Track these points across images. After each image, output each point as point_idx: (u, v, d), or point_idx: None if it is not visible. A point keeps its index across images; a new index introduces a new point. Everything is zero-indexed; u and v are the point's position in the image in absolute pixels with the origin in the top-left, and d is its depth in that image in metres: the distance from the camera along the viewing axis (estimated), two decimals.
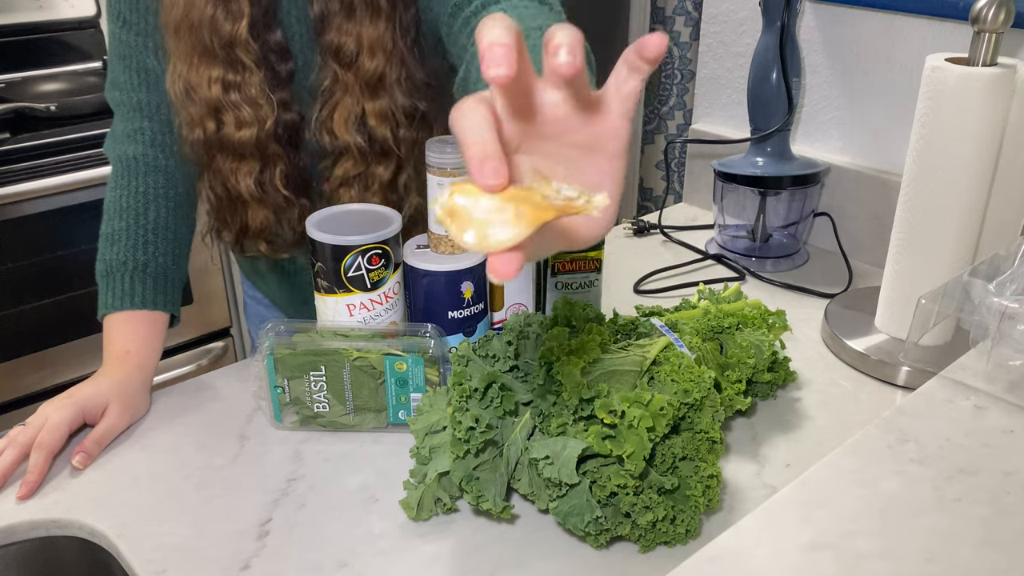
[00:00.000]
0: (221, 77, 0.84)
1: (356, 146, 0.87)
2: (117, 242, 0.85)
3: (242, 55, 0.84)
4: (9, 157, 1.63)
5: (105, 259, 0.85)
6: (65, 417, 0.76)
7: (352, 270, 0.80)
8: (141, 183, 0.87)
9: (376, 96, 0.86)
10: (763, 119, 1.12)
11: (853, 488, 0.55)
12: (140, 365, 0.83)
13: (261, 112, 0.86)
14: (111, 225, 0.86)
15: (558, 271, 0.92)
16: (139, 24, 0.87)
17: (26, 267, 1.70)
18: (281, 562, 0.65)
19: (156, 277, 0.85)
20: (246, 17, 0.83)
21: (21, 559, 0.72)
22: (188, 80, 0.85)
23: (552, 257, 0.91)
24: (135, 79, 0.88)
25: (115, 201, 0.87)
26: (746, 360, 0.77)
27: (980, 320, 0.66)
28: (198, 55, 0.84)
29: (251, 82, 0.85)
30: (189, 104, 0.86)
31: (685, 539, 0.66)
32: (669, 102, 2.84)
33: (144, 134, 0.88)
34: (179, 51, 0.84)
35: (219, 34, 0.83)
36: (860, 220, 1.16)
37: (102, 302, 0.85)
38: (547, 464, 0.61)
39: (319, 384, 0.77)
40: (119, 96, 0.89)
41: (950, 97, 0.81)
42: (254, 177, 0.89)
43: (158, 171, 0.88)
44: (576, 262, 0.91)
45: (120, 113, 0.89)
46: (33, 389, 1.79)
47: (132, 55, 0.88)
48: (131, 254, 0.84)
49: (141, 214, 0.86)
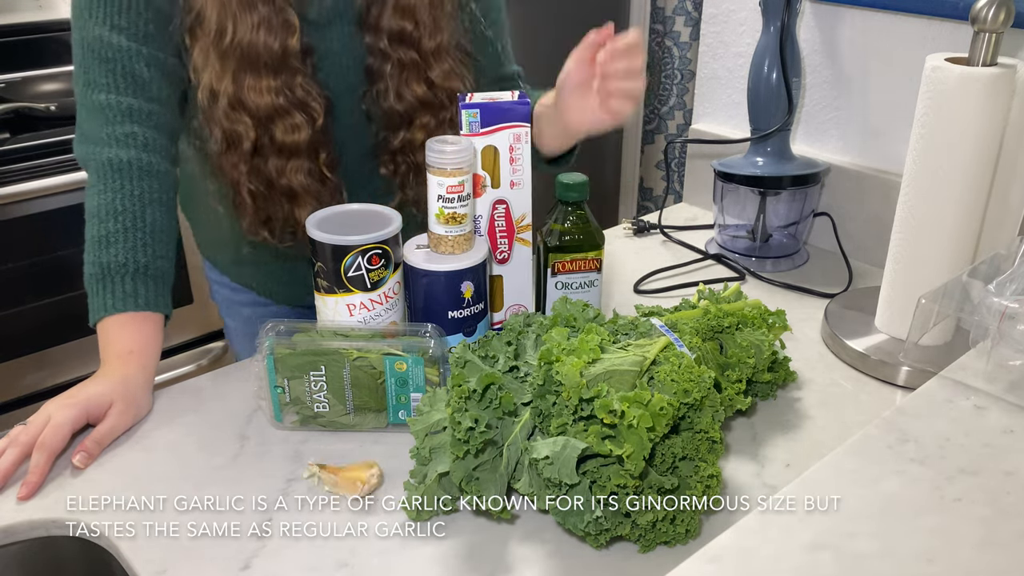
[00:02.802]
0: (272, 87, 0.87)
1: (427, 100, 0.95)
2: (114, 244, 0.84)
3: (293, 62, 0.87)
4: (9, 157, 1.63)
5: (101, 262, 0.83)
6: (68, 417, 0.76)
7: (352, 270, 0.80)
8: (136, 186, 0.85)
9: (440, 61, 0.95)
10: (763, 119, 1.12)
11: (853, 488, 0.55)
12: (143, 365, 0.83)
13: (313, 112, 0.90)
14: (104, 228, 0.84)
15: (558, 271, 0.92)
16: (130, 30, 0.85)
17: (26, 267, 1.70)
18: (281, 562, 0.65)
19: (156, 279, 0.85)
20: (298, 31, 0.87)
21: (21, 559, 0.72)
22: (235, 97, 0.86)
23: (552, 257, 0.91)
24: (122, 83, 0.86)
25: (107, 204, 0.85)
26: (746, 360, 0.77)
27: (980, 320, 0.66)
28: (247, 72, 0.86)
29: (300, 84, 0.88)
30: (236, 120, 0.87)
31: (685, 539, 0.66)
32: (669, 102, 2.84)
33: (136, 138, 0.86)
34: (223, 71, 0.86)
35: (271, 51, 0.85)
36: (860, 220, 1.16)
37: (99, 304, 0.83)
38: (547, 464, 0.61)
39: (319, 384, 0.77)
40: (103, 98, 0.86)
41: (950, 97, 0.81)
42: (304, 171, 0.91)
43: (152, 175, 0.86)
44: (576, 262, 0.91)
45: (104, 116, 0.86)
46: (33, 389, 1.79)
47: (119, 59, 0.85)
48: (131, 256, 0.83)
49: (139, 216, 0.85)
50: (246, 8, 0.84)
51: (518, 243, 0.91)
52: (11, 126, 1.69)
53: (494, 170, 0.87)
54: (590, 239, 0.91)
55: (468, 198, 0.81)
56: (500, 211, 0.89)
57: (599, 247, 0.92)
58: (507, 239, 0.91)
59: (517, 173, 0.88)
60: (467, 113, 0.85)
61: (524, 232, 0.91)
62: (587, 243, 0.91)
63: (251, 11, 0.84)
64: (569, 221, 0.90)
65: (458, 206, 0.81)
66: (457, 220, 0.81)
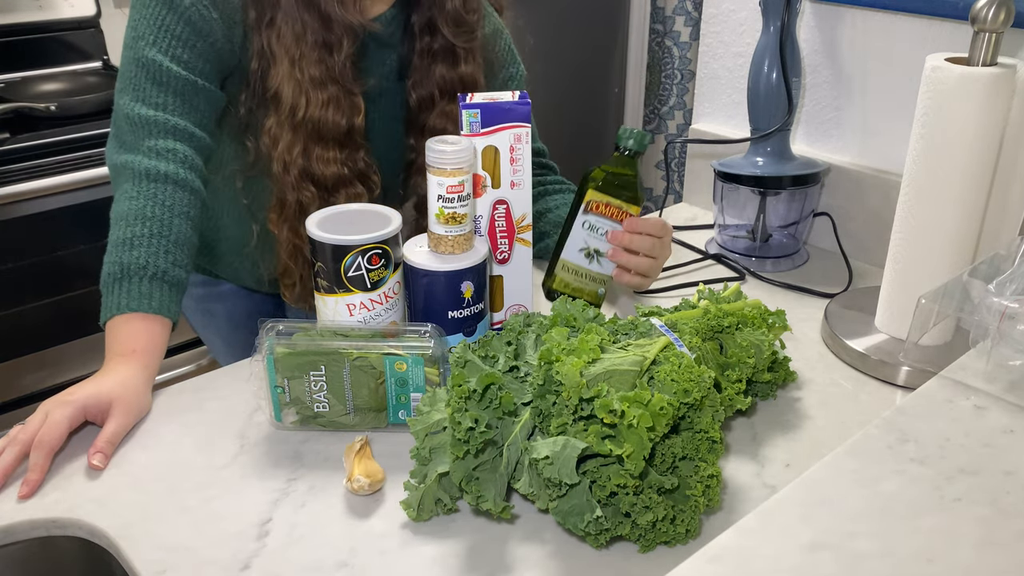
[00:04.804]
0: (337, 158, 0.97)
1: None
2: (137, 247, 0.85)
3: (357, 138, 0.98)
4: (9, 157, 1.63)
5: (122, 262, 0.85)
6: (65, 415, 0.76)
7: (352, 270, 0.80)
8: (169, 197, 0.88)
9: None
10: (763, 119, 1.12)
11: (853, 488, 0.55)
12: (145, 364, 0.83)
13: (372, 183, 1.01)
14: (130, 231, 0.86)
15: (590, 210, 0.93)
16: (190, 63, 0.90)
17: (26, 267, 1.70)
18: (281, 562, 0.65)
19: (172, 286, 0.86)
20: (363, 112, 0.97)
21: (21, 559, 0.72)
22: (304, 168, 0.96)
23: (591, 194, 0.93)
24: (171, 104, 0.90)
25: (137, 209, 0.87)
26: (746, 360, 0.77)
27: (980, 320, 0.66)
28: (316, 143, 0.95)
29: (362, 158, 0.99)
30: (303, 188, 0.97)
31: (685, 539, 0.66)
32: (669, 102, 2.84)
33: (177, 154, 0.89)
34: (295, 140, 0.95)
35: (338, 127, 0.95)
36: (860, 220, 1.16)
37: (113, 303, 0.84)
38: (547, 464, 0.61)
39: (319, 384, 0.77)
40: (150, 114, 0.89)
41: (950, 97, 0.81)
42: None
43: (186, 189, 0.89)
44: (611, 208, 0.93)
45: (148, 130, 0.89)
46: (33, 389, 1.80)
47: (173, 84, 0.89)
48: (152, 259, 0.85)
49: (166, 224, 0.87)
50: (317, 87, 0.93)
51: (518, 243, 0.91)
52: (11, 126, 1.69)
53: (494, 170, 0.87)
54: (631, 190, 0.93)
55: (468, 198, 0.82)
56: (500, 211, 0.89)
57: (637, 203, 0.93)
58: (507, 239, 0.91)
59: (517, 173, 0.88)
60: (467, 113, 0.85)
61: (524, 232, 0.91)
62: (627, 193, 0.93)
63: (322, 90, 0.93)
64: (619, 166, 0.93)
65: (458, 206, 0.81)
66: (457, 220, 0.82)
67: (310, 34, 0.92)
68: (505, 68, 1.13)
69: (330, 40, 0.92)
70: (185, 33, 0.89)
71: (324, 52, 0.92)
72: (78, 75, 2.03)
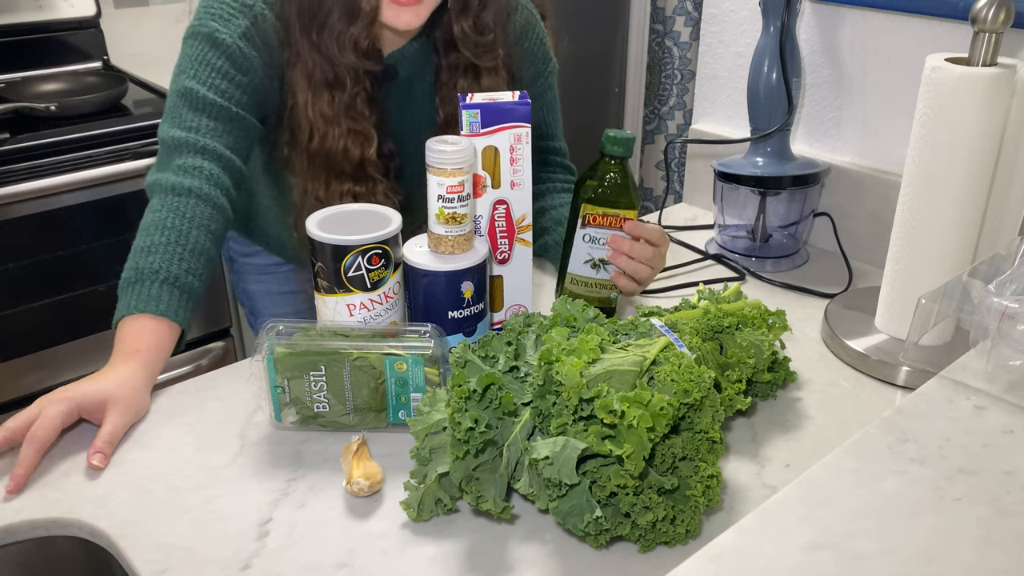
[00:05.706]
0: (352, 190, 1.01)
1: None
2: (153, 253, 0.87)
3: (371, 171, 1.01)
4: (9, 157, 1.63)
5: (137, 266, 0.87)
6: (59, 411, 0.76)
7: (352, 270, 0.80)
8: (190, 209, 0.90)
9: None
10: (763, 119, 1.12)
11: (853, 488, 0.55)
12: (146, 364, 0.83)
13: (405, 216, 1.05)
14: (150, 239, 0.88)
15: (588, 223, 0.93)
16: (227, 93, 0.94)
17: (26, 267, 1.70)
18: (281, 562, 0.65)
19: (183, 292, 0.87)
20: (375, 143, 1.00)
21: (21, 559, 0.72)
22: (320, 197, 1.00)
23: (585, 207, 0.93)
24: (204, 127, 0.93)
25: (159, 220, 0.89)
26: (746, 360, 0.77)
27: (980, 320, 0.66)
28: (332, 175, 1.00)
29: (383, 190, 1.02)
30: None
31: (685, 539, 0.66)
32: (669, 102, 2.84)
33: (202, 171, 0.92)
34: (312, 172, 1.00)
35: (351, 159, 0.99)
36: (860, 220, 1.16)
37: (124, 305, 0.86)
38: (547, 464, 0.61)
39: (319, 384, 0.77)
40: (182, 136, 0.92)
41: (950, 97, 0.81)
42: None
43: (208, 204, 0.91)
44: (608, 217, 0.92)
45: (178, 150, 0.92)
46: (33, 389, 1.79)
47: (207, 109, 0.93)
48: (166, 265, 0.87)
49: (184, 234, 0.89)
50: (331, 121, 0.98)
51: (518, 243, 0.91)
52: (11, 126, 1.69)
53: (494, 170, 0.87)
54: (625, 196, 0.92)
55: (468, 198, 0.82)
56: (500, 211, 0.89)
57: (633, 207, 0.92)
58: (507, 239, 0.91)
59: (517, 173, 0.88)
60: (467, 113, 0.85)
61: (524, 232, 0.91)
62: (622, 200, 0.92)
63: (336, 124, 0.98)
64: (609, 175, 0.91)
65: (458, 206, 0.81)
66: (457, 220, 0.82)
67: (318, 73, 0.97)
68: (533, 65, 1.13)
69: (334, 79, 0.97)
70: (225, 66, 0.94)
71: (334, 90, 0.98)
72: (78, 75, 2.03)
